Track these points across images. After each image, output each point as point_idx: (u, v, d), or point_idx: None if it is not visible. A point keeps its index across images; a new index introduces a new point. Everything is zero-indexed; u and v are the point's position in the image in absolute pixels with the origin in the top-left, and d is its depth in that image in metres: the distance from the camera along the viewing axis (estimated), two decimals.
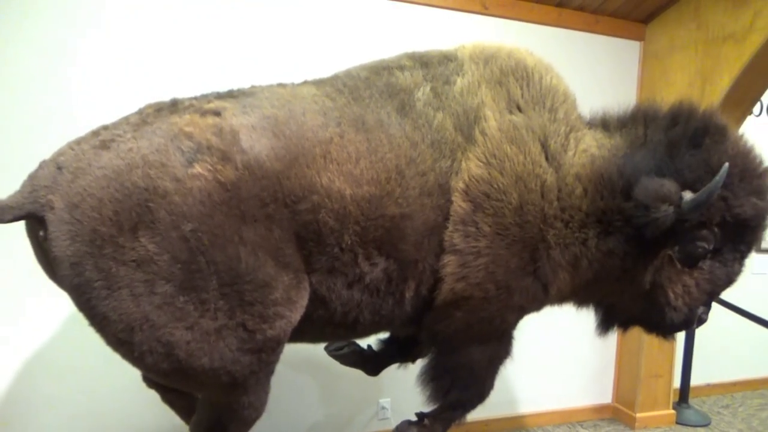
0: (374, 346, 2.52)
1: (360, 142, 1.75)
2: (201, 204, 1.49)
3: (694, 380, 4.28)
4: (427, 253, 1.86)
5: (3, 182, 1.73)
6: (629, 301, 2.11)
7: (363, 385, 3.27)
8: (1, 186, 1.64)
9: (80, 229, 1.42)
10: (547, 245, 1.92)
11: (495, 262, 1.87)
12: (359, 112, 1.81)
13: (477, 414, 2.41)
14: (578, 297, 2.21)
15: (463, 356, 2.09)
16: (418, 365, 2.25)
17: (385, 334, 2.45)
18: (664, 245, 1.93)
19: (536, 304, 2.07)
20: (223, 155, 1.54)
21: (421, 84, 1.94)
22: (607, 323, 2.27)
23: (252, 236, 1.57)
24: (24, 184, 1.50)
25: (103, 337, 1.55)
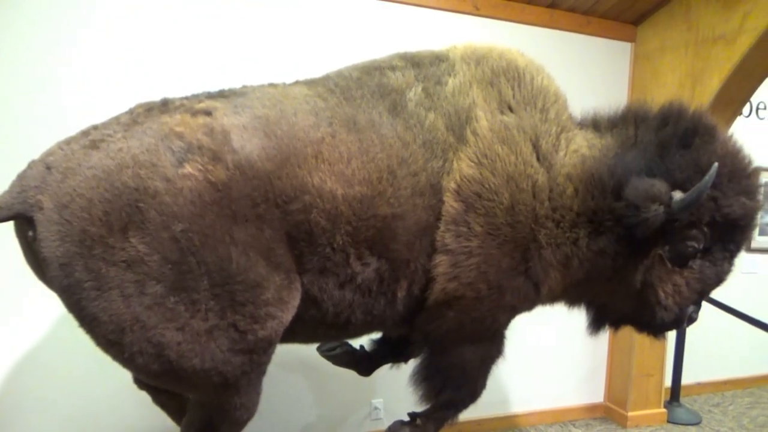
0: (367, 347, 2.52)
1: (351, 143, 1.75)
2: (192, 204, 1.49)
3: (685, 379, 4.31)
4: (419, 253, 1.86)
5: None
6: (620, 301, 2.12)
7: (356, 385, 3.26)
8: None
9: (70, 230, 1.41)
10: (539, 245, 1.92)
11: (487, 262, 1.88)
12: (351, 112, 1.81)
13: (469, 414, 2.42)
14: (570, 296, 2.22)
15: (455, 356, 2.09)
16: (411, 365, 2.25)
17: (377, 335, 2.46)
18: (655, 245, 1.94)
19: (528, 304, 2.07)
20: (214, 155, 1.54)
21: (412, 84, 1.95)
22: (598, 323, 2.28)
23: (243, 236, 1.57)
24: (13, 184, 1.49)
25: (93, 339, 1.53)
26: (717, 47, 3.24)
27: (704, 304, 2.18)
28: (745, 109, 4.54)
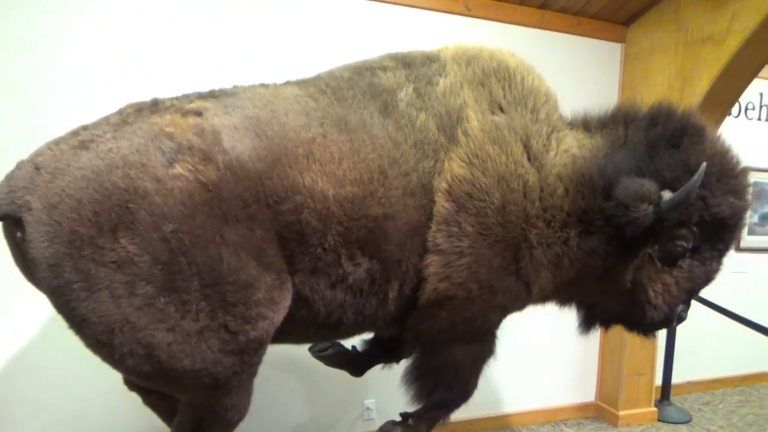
0: (359, 347, 2.52)
1: (343, 143, 1.75)
2: (182, 204, 1.48)
3: (676, 378, 4.34)
4: (411, 253, 1.86)
5: None
6: (610, 300, 2.13)
7: (348, 386, 3.26)
8: None
9: (59, 231, 1.40)
10: (530, 245, 1.93)
11: (478, 262, 1.88)
12: (342, 112, 1.81)
13: (462, 413, 2.42)
14: (560, 296, 2.23)
15: (447, 356, 2.10)
16: (403, 365, 2.25)
17: (369, 335, 2.46)
18: (644, 244, 1.95)
19: (519, 304, 2.08)
20: (204, 155, 1.53)
21: (403, 84, 1.95)
22: (589, 322, 2.29)
23: (234, 237, 1.56)
24: (1, 185, 1.47)
25: (82, 340, 1.53)
26: (706, 48, 3.26)
27: (694, 304, 2.20)
28: (734, 110, 4.58)
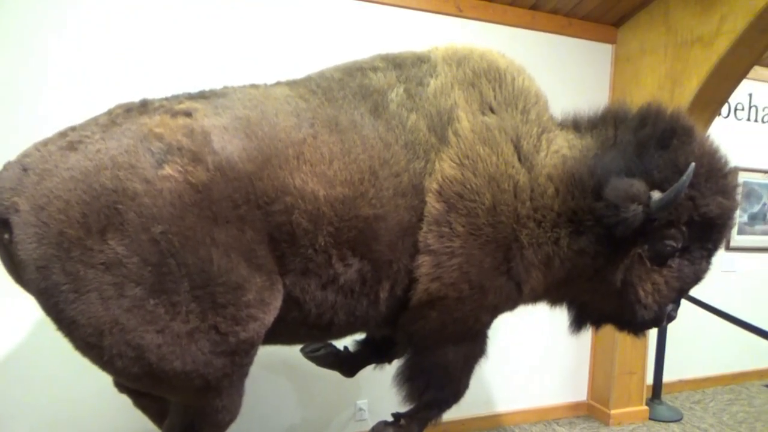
0: (350, 348, 2.51)
1: (333, 143, 1.75)
2: (171, 206, 1.47)
3: (667, 377, 4.37)
4: (402, 254, 1.86)
5: None
6: (601, 300, 2.14)
7: (340, 386, 3.26)
8: None
9: (47, 232, 1.39)
10: (520, 245, 1.93)
11: (469, 262, 1.88)
12: (332, 113, 1.81)
13: (454, 413, 2.43)
14: (551, 296, 2.23)
15: (439, 356, 2.10)
16: (395, 366, 2.25)
17: (361, 335, 2.45)
18: (634, 244, 1.96)
19: (510, 304, 2.08)
20: (194, 156, 1.52)
21: (394, 85, 1.95)
22: (580, 321, 2.30)
23: (224, 238, 1.56)
24: None
25: (71, 342, 1.52)
26: (695, 49, 3.29)
27: (685, 303, 2.21)
28: (724, 110, 4.61)
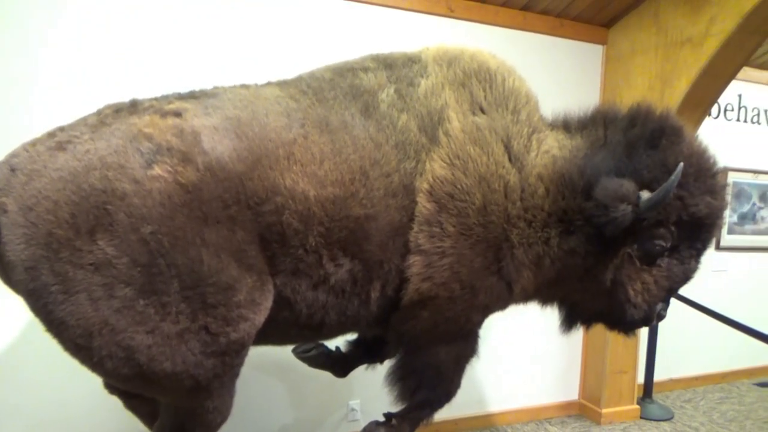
0: (342, 348, 2.51)
1: (324, 144, 1.75)
2: (161, 206, 1.47)
3: (658, 376, 4.39)
4: (393, 254, 1.86)
5: None
6: (591, 299, 2.15)
7: (332, 387, 3.26)
8: None
9: (35, 233, 1.38)
10: (511, 245, 1.94)
11: (460, 262, 1.89)
12: (323, 113, 1.81)
13: (446, 413, 2.43)
14: (542, 295, 2.24)
15: (430, 356, 2.10)
16: (387, 366, 2.25)
17: (352, 336, 2.45)
18: (624, 244, 1.98)
19: (501, 303, 2.09)
20: (183, 156, 1.52)
21: (385, 85, 1.95)
22: (570, 321, 2.31)
23: (214, 238, 1.55)
24: None
25: (60, 343, 1.51)
26: (685, 50, 3.31)
27: (676, 302, 2.23)
28: (714, 111, 4.65)
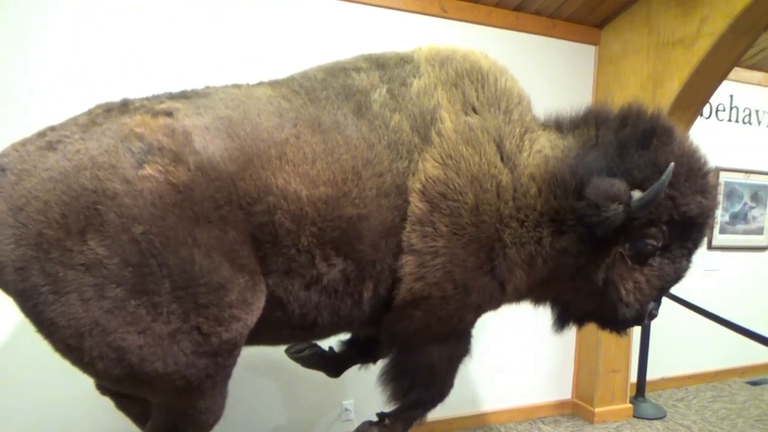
0: (335, 348, 2.51)
1: (316, 143, 1.74)
2: (152, 206, 1.47)
3: (650, 375, 4.41)
4: (385, 254, 1.86)
5: None
6: (583, 298, 2.16)
7: (325, 387, 3.25)
8: None
9: (25, 233, 1.38)
10: (503, 244, 1.94)
11: (452, 262, 1.89)
12: (315, 113, 1.81)
13: (439, 413, 2.43)
14: (534, 295, 2.25)
15: (423, 356, 2.10)
16: (380, 366, 2.25)
17: (345, 336, 2.45)
18: (616, 243, 1.98)
19: (494, 303, 2.09)
20: (175, 156, 1.52)
21: (377, 85, 1.95)
22: (563, 320, 2.32)
23: (206, 238, 1.55)
24: None
25: (51, 344, 1.50)
26: (676, 51, 3.33)
27: (668, 302, 2.24)
28: (705, 111, 4.67)
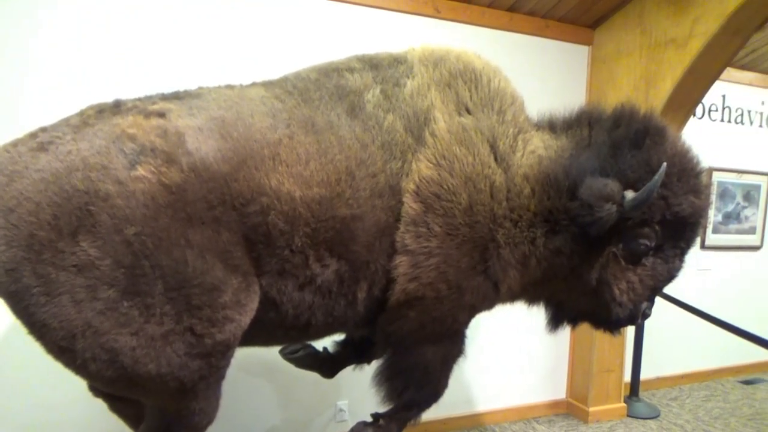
0: (330, 348, 2.51)
1: (310, 144, 1.74)
2: (144, 207, 1.46)
3: (644, 374, 4.43)
4: (379, 254, 1.86)
5: None
6: (577, 298, 2.16)
7: (320, 387, 3.25)
8: None
9: (16, 234, 1.37)
10: (497, 244, 1.95)
11: (446, 262, 1.89)
12: (309, 113, 1.81)
13: (434, 413, 2.43)
14: (528, 295, 2.25)
15: (417, 356, 2.10)
16: (374, 366, 2.24)
17: (340, 336, 2.45)
18: (609, 243, 1.99)
19: (487, 303, 2.10)
20: (167, 157, 1.51)
21: (371, 86, 1.95)
22: (556, 320, 2.32)
23: (199, 239, 1.54)
24: None
25: (43, 346, 1.49)
26: (669, 51, 3.35)
27: (662, 301, 2.25)
28: (698, 111, 4.70)
